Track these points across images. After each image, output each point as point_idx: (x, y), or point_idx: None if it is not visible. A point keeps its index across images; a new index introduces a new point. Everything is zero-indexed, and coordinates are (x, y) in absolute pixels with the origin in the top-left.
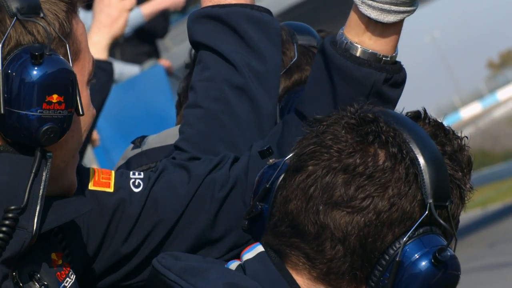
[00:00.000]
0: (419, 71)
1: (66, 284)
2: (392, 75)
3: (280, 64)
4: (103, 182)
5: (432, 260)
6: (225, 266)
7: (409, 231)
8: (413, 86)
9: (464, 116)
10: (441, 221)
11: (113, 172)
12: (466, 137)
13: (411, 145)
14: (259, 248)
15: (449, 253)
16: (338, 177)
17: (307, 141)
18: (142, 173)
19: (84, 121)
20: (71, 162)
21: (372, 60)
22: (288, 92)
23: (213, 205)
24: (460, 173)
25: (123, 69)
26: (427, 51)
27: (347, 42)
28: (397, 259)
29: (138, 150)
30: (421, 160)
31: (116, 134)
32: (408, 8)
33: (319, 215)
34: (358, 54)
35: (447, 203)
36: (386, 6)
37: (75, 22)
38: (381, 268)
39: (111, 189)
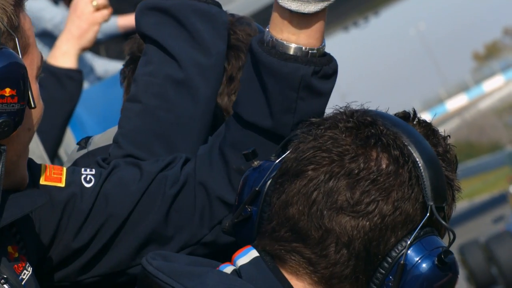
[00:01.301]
0: (404, 63)
1: (24, 277)
2: (320, 67)
3: (225, 56)
4: (54, 177)
5: (436, 262)
6: (219, 270)
7: (410, 234)
8: (398, 78)
9: (450, 108)
10: (444, 223)
11: (64, 168)
12: (449, 136)
13: (410, 148)
14: (253, 253)
15: (452, 255)
16: (342, 182)
17: (304, 145)
18: (93, 169)
19: (35, 114)
20: (23, 155)
21: (299, 55)
22: None
23: (164, 201)
24: (452, 174)
25: (107, 66)
26: (413, 44)
27: (272, 40)
28: (401, 261)
29: (84, 151)
30: (421, 162)
31: (101, 131)
32: None
33: (323, 220)
34: (283, 50)
35: (444, 204)
36: None
37: (22, 16)
38: (383, 271)
39: (62, 184)
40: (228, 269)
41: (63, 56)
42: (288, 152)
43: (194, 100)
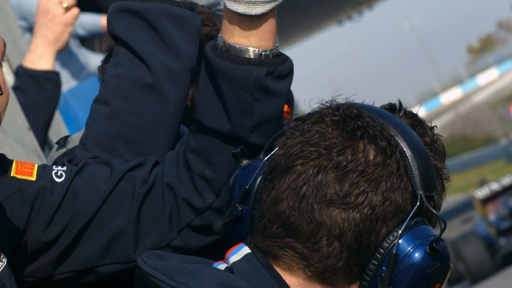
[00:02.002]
0: (398, 57)
1: None
2: (274, 67)
3: (196, 60)
4: (25, 171)
5: (428, 250)
6: (213, 266)
7: (401, 224)
8: (393, 72)
9: (445, 102)
10: (434, 211)
11: (36, 164)
12: (436, 126)
13: (397, 138)
14: (245, 250)
15: (444, 243)
16: (330, 175)
17: (292, 140)
18: (65, 166)
19: (1, 102)
20: None
21: (251, 57)
22: None
23: (135, 200)
24: (440, 163)
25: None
26: (407, 37)
27: (225, 44)
28: (394, 251)
29: (63, 150)
30: (409, 152)
31: None
32: None
33: (314, 214)
34: (236, 53)
35: (433, 193)
36: None
37: None
38: (376, 262)
39: (33, 178)
40: (221, 266)
41: (40, 59)
42: (276, 149)
43: (163, 104)
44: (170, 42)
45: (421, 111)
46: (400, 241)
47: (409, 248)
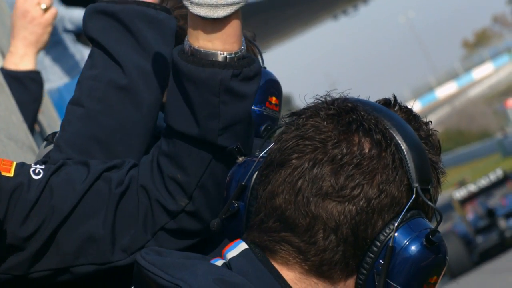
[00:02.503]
0: (394, 51)
1: None
2: (240, 70)
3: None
4: (3, 168)
5: (425, 242)
6: (210, 262)
7: (397, 216)
8: (388, 66)
9: (440, 96)
10: (430, 203)
11: (14, 162)
12: (431, 121)
13: (392, 131)
14: (243, 245)
15: (440, 235)
16: (326, 168)
17: (287, 135)
18: (44, 165)
19: None
20: None
21: (216, 60)
22: None
23: (111, 200)
24: (435, 157)
25: None
26: (402, 32)
27: (191, 48)
28: (390, 244)
29: (51, 146)
30: (404, 145)
31: None
32: (237, 0)
33: (310, 207)
34: (201, 57)
35: (429, 186)
36: (213, 1)
37: None
38: (372, 255)
39: (11, 174)
40: (218, 262)
41: (22, 60)
42: (272, 144)
43: (137, 106)
44: (145, 44)
45: (416, 106)
46: (396, 234)
47: (406, 241)
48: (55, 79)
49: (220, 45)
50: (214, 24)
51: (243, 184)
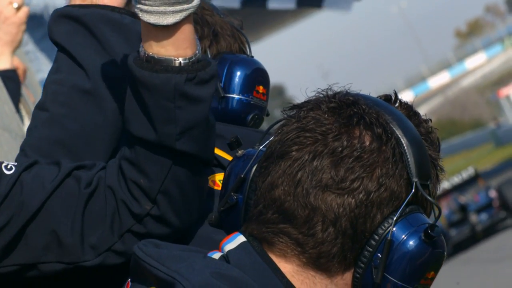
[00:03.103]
0: (386, 41)
1: None
2: (195, 73)
3: None
4: None
5: (423, 237)
6: (207, 255)
7: (396, 211)
8: (380, 56)
9: (433, 86)
10: (429, 198)
11: None
12: (430, 119)
13: (392, 126)
14: (241, 238)
15: (438, 230)
16: (326, 161)
17: (288, 127)
18: (16, 162)
19: None
20: None
21: (169, 65)
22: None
23: (80, 200)
24: (435, 153)
25: None
26: (394, 21)
27: (145, 54)
28: (388, 238)
29: None
30: (404, 140)
31: None
32: (185, 6)
33: (309, 199)
34: (155, 63)
35: (428, 182)
36: (162, 8)
37: None
38: (370, 249)
39: None
40: (216, 255)
41: None
42: (273, 137)
43: (101, 110)
44: (109, 48)
45: (409, 95)
46: (394, 228)
47: (404, 235)
48: (48, 69)
49: (173, 50)
50: (165, 31)
51: (242, 176)
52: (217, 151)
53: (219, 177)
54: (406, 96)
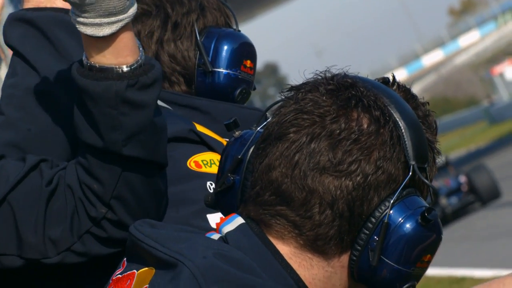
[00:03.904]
0: (380, 19)
1: None
2: (136, 79)
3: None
4: None
5: (420, 220)
6: (207, 236)
7: (393, 193)
8: (374, 34)
9: (426, 64)
10: (426, 181)
11: None
12: (428, 103)
13: (390, 109)
14: (239, 220)
15: (435, 213)
16: (324, 143)
17: (286, 109)
18: None
19: None
20: None
21: (110, 73)
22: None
23: (42, 197)
24: (432, 136)
25: None
26: (388, 0)
27: (87, 63)
28: (385, 221)
29: None
30: (402, 123)
31: None
32: (120, 17)
33: (306, 181)
34: (97, 71)
35: (425, 165)
36: (97, 20)
37: None
38: (367, 231)
39: None
40: (214, 236)
41: None
42: (270, 118)
43: (57, 111)
44: (63, 50)
45: (402, 73)
46: (391, 211)
47: (401, 218)
48: None
49: (113, 59)
50: (103, 41)
51: (239, 157)
52: (201, 128)
53: (202, 157)
54: (400, 74)
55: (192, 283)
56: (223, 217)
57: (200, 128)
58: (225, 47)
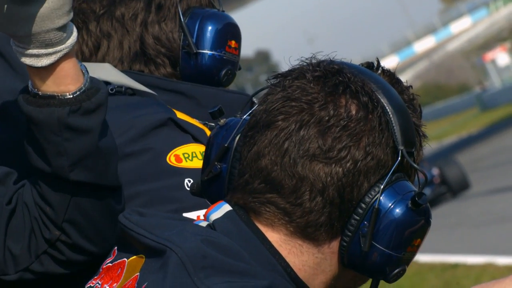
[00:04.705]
0: (372, 6)
1: None
2: (78, 105)
3: None
4: None
5: (410, 205)
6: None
7: (383, 179)
8: (366, 21)
9: (418, 50)
10: (415, 165)
11: None
12: (411, 86)
13: (378, 94)
14: (226, 207)
15: (425, 197)
16: (313, 130)
17: (273, 96)
18: None
19: None
20: None
21: (52, 99)
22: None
23: (3, 214)
24: (418, 120)
25: None
26: None
27: (32, 90)
28: (375, 206)
29: None
30: (390, 108)
31: None
32: (58, 48)
33: (296, 168)
34: (39, 98)
35: (413, 150)
36: (35, 51)
37: None
38: (357, 217)
39: None
40: (202, 224)
41: None
42: (257, 105)
43: (15, 129)
44: (18, 68)
45: (394, 60)
46: (382, 196)
47: (391, 203)
48: None
49: (55, 87)
50: (44, 70)
51: (225, 146)
52: (182, 116)
53: (184, 149)
54: (392, 61)
55: (180, 269)
56: (200, 216)
57: (181, 115)
58: (209, 28)
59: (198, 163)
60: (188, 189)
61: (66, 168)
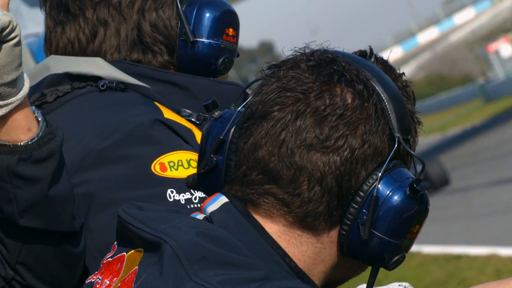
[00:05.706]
0: None
1: None
2: (29, 153)
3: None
4: None
5: (408, 192)
6: (191, 216)
7: (380, 166)
8: (369, 12)
9: (421, 41)
10: (412, 152)
11: None
12: (404, 73)
13: (372, 82)
14: (223, 199)
15: (423, 184)
16: (309, 120)
17: (268, 87)
18: None
19: None
20: None
21: (2, 147)
22: None
23: None
24: (412, 107)
25: None
26: None
27: None
28: (374, 194)
29: None
30: (385, 95)
31: None
32: (9, 101)
33: (294, 158)
34: None
35: (409, 136)
36: None
37: None
38: (356, 206)
39: None
40: (199, 217)
41: None
42: (251, 97)
43: None
44: None
45: (398, 51)
46: (380, 184)
47: (389, 191)
48: (32, 26)
49: (7, 136)
50: None
51: (221, 138)
52: (169, 115)
53: (170, 158)
54: (395, 52)
55: (174, 261)
56: None
57: (168, 114)
58: (207, 15)
59: (183, 173)
60: (171, 200)
61: (16, 214)
